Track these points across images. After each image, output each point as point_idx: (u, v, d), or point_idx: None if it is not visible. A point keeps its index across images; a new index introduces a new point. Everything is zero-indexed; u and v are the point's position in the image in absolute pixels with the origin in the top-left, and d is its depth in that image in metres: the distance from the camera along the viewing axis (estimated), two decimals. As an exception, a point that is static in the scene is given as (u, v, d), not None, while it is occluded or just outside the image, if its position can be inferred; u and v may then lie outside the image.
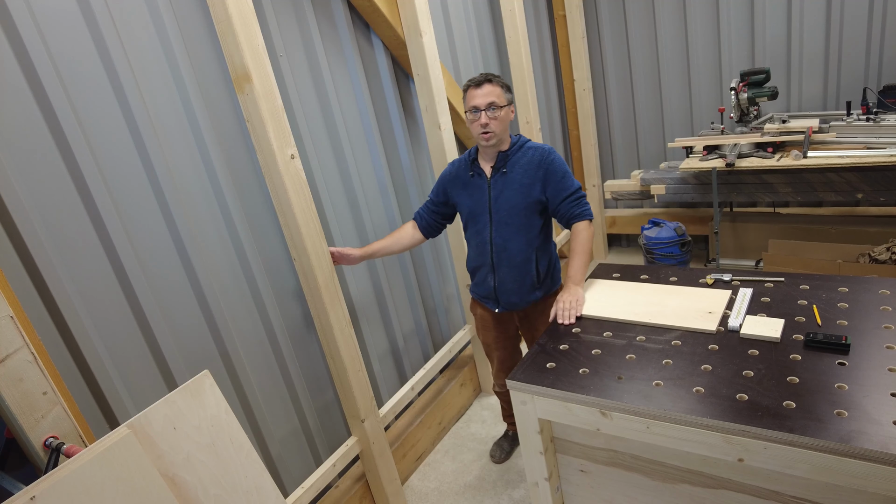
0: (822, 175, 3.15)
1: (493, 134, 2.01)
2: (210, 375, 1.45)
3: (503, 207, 2.08)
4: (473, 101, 2.01)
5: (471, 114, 2.03)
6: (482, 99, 1.99)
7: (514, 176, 2.07)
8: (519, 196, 2.06)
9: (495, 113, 2.00)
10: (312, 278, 2.02)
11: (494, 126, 2.01)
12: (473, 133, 2.06)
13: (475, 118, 2.02)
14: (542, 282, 2.19)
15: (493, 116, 2.00)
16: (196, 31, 1.84)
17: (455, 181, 2.21)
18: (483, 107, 1.99)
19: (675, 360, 1.58)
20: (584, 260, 2.03)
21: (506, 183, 2.08)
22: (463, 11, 3.17)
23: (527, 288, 2.17)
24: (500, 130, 2.03)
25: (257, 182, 2.03)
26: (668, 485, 1.57)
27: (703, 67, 3.82)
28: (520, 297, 2.19)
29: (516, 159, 2.08)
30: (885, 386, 1.31)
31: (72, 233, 1.54)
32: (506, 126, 2.06)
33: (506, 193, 2.08)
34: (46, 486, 1.07)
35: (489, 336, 2.39)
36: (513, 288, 2.17)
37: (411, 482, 2.68)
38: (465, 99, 2.06)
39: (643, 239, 3.81)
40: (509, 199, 2.07)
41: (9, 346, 1.20)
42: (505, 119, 2.04)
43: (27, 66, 1.45)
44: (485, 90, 2.00)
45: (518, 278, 2.15)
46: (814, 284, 1.81)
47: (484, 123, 1.99)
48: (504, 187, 2.08)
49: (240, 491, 1.41)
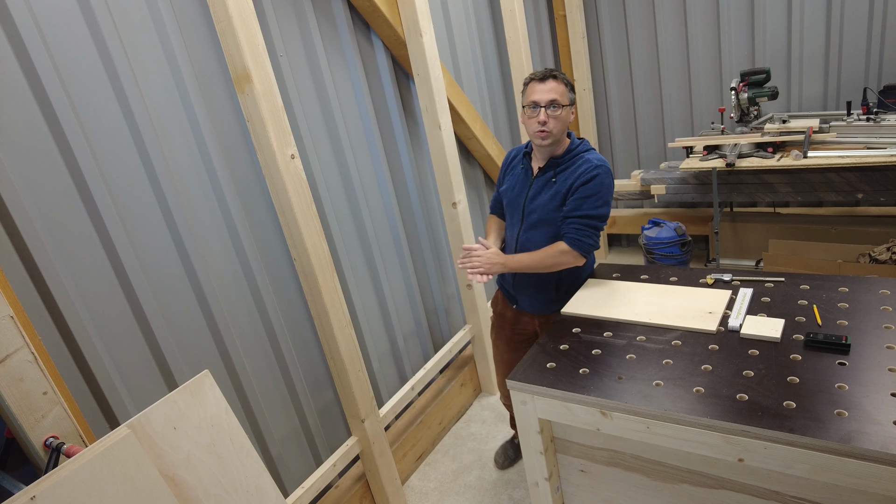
0: (822, 175, 3.15)
1: (549, 133, 1.88)
2: (210, 375, 1.45)
3: (536, 210, 1.98)
4: (534, 96, 1.88)
5: (529, 109, 1.90)
6: (544, 95, 1.86)
7: (558, 182, 1.95)
8: (553, 203, 1.94)
9: (556, 112, 1.87)
10: (312, 278, 2.02)
11: (553, 125, 1.87)
12: (529, 130, 1.93)
13: (533, 114, 1.88)
14: (561, 296, 2.05)
15: (553, 115, 1.87)
16: (196, 31, 1.84)
17: (510, 168, 2.13)
18: (544, 103, 1.86)
19: (675, 360, 1.58)
20: (527, 261, 1.92)
21: (546, 186, 1.97)
22: (463, 11, 3.17)
23: (542, 298, 2.07)
24: (557, 131, 1.89)
25: (257, 182, 2.03)
26: (669, 485, 1.57)
27: (703, 67, 3.82)
28: (536, 303, 2.09)
29: (566, 166, 1.95)
30: (885, 386, 1.31)
31: (72, 233, 1.54)
32: (564, 127, 1.93)
33: (542, 197, 1.97)
34: (47, 486, 1.07)
35: (502, 336, 2.25)
36: (528, 289, 2.07)
37: (411, 482, 2.68)
38: (525, 93, 1.93)
39: (643, 239, 3.81)
40: (544, 204, 1.96)
41: (9, 346, 1.20)
42: (565, 119, 1.91)
43: (27, 66, 1.45)
44: (548, 86, 1.87)
45: (535, 287, 2.05)
46: (814, 284, 1.81)
47: (542, 121, 1.86)
48: (542, 190, 1.97)
49: (240, 491, 1.41)
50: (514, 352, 2.23)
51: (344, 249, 2.40)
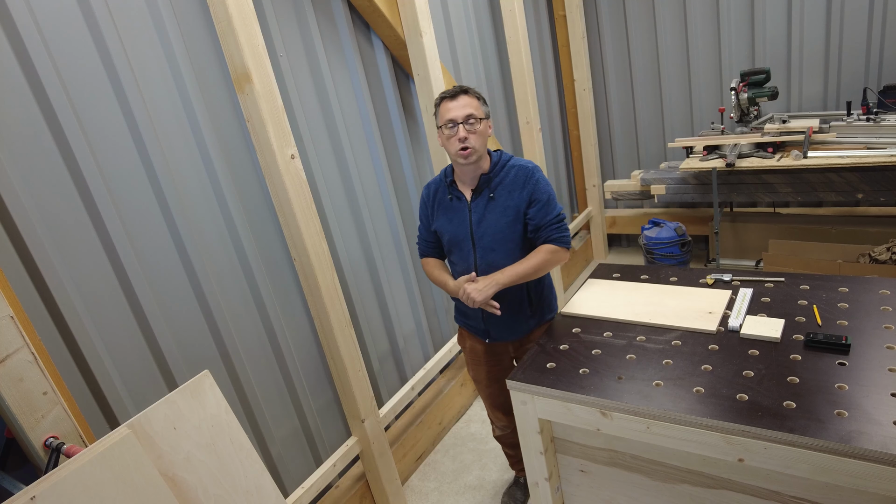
0: (822, 175, 3.15)
1: (472, 150, 1.81)
2: (210, 375, 1.45)
3: (487, 233, 1.89)
4: (449, 115, 1.81)
5: (446, 129, 1.83)
6: (459, 111, 1.80)
7: (499, 198, 1.88)
8: (504, 220, 1.88)
9: (474, 126, 1.81)
10: (312, 278, 2.02)
11: (474, 140, 1.81)
12: (450, 151, 1.86)
13: (452, 133, 1.82)
14: (535, 310, 1.99)
15: (471, 130, 1.80)
16: (196, 31, 1.84)
17: (435, 205, 2.01)
18: (460, 119, 1.79)
19: (675, 360, 1.58)
20: (521, 270, 1.84)
21: (489, 206, 1.89)
22: (463, 11, 3.17)
23: (521, 318, 1.98)
24: (479, 146, 1.83)
25: (257, 182, 2.03)
26: (668, 485, 1.57)
27: (703, 67, 3.82)
28: (511, 328, 1.99)
29: (499, 180, 1.89)
30: (885, 386, 1.31)
31: (72, 233, 1.54)
32: (485, 142, 1.87)
33: (489, 218, 1.89)
34: (46, 486, 1.07)
35: (479, 371, 2.15)
36: (503, 319, 1.96)
37: (411, 482, 2.68)
38: (439, 114, 1.87)
39: (643, 239, 3.81)
40: (493, 224, 1.88)
41: (9, 346, 1.20)
42: (484, 133, 1.85)
43: (27, 66, 1.45)
44: (461, 102, 1.81)
45: (509, 307, 1.93)
46: (814, 284, 1.81)
47: (462, 137, 1.79)
48: (487, 211, 1.89)
49: (240, 491, 1.41)
50: (497, 382, 2.14)
51: (344, 249, 2.40)
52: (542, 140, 3.52)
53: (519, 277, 1.84)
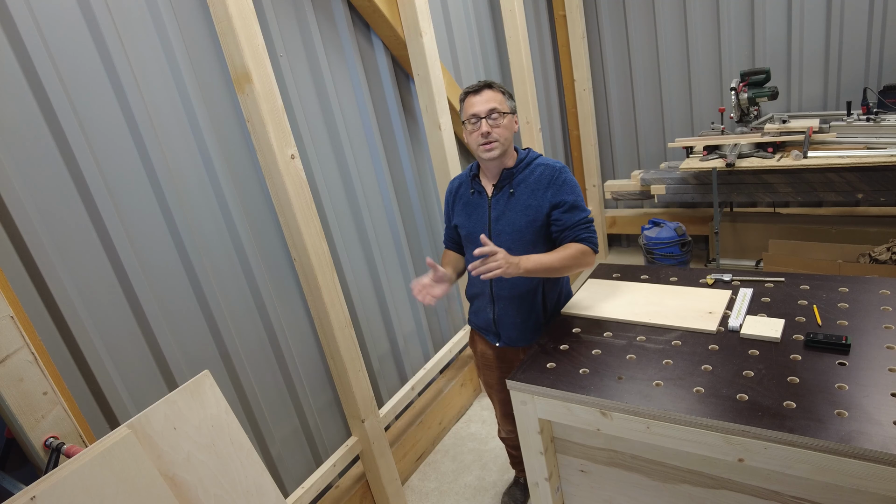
0: (822, 175, 3.15)
1: (496, 143, 1.78)
2: (210, 375, 1.45)
3: (505, 231, 1.85)
4: (473, 109, 1.79)
5: (470, 123, 1.81)
6: (483, 105, 1.77)
7: (520, 196, 1.84)
8: (524, 219, 1.83)
9: (498, 121, 1.78)
10: (312, 278, 2.02)
11: (497, 134, 1.78)
12: (473, 146, 1.83)
13: (475, 128, 1.80)
14: (549, 318, 1.94)
15: (494, 125, 1.78)
16: (196, 31, 1.84)
17: (456, 200, 2.00)
18: (484, 114, 1.77)
19: (675, 360, 1.58)
20: (547, 261, 1.75)
21: (509, 203, 1.85)
22: (463, 11, 3.17)
23: (531, 325, 1.93)
24: (504, 139, 1.80)
25: (257, 182, 2.03)
26: (669, 485, 1.57)
27: (703, 67, 3.82)
28: (523, 333, 1.95)
29: (523, 177, 1.85)
30: (885, 386, 1.31)
31: (72, 233, 1.54)
32: (510, 137, 1.83)
33: (508, 215, 1.85)
34: (46, 486, 1.07)
35: (491, 376, 2.12)
36: (515, 322, 1.93)
37: (411, 482, 2.68)
38: (463, 109, 1.84)
39: (643, 239, 3.81)
40: (513, 222, 1.84)
41: (9, 346, 1.20)
42: (509, 128, 1.82)
43: (27, 66, 1.45)
44: (485, 96, 1.78)
45: (521, 312, 1.91)
46: (814, 284, 1.81)
47: (485, 132, 1.77)
48: (507, 208, 1.85)
49: (240, 491, 1.41)
50: (507, 389, 2.06)
51: (344, 249, 2.40)
52: (542, 140, 3.52)
53: (543, 269, 1.76)
